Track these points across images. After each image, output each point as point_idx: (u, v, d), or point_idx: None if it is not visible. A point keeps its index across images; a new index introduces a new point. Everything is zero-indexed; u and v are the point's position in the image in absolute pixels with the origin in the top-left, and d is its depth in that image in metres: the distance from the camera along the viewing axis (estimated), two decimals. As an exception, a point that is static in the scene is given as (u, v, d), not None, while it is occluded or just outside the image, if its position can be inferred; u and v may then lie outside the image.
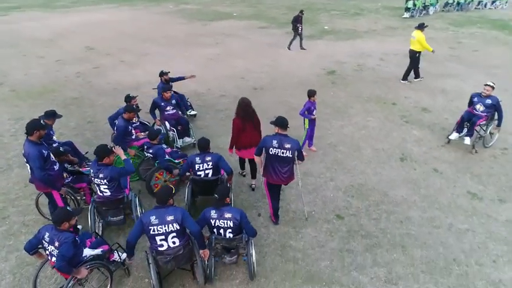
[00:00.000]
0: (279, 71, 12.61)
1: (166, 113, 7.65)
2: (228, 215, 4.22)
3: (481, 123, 7.21)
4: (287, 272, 4.66)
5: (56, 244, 3.72)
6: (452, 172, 6.67)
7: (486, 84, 7.13)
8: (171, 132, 7.52)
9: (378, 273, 4.62)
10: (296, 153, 4.98)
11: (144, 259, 4.80)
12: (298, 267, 4.74)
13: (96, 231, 4.91)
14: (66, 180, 5.38)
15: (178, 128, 7.70)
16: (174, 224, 3.96)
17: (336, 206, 5.86)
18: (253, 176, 6.23)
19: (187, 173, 5.46)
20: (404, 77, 11.35)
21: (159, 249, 4.03)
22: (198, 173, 5.26)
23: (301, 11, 14.92)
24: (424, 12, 23.17)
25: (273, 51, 15.21)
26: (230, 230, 4.26)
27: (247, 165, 6.38)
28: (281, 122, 4.94)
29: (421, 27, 10.85)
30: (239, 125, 5.69)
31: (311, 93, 7.07)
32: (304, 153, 7.10)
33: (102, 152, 4.75)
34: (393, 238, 5.19)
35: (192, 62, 13.70)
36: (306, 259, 4.86)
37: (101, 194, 4.83)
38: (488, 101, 7.06)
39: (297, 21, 14.69)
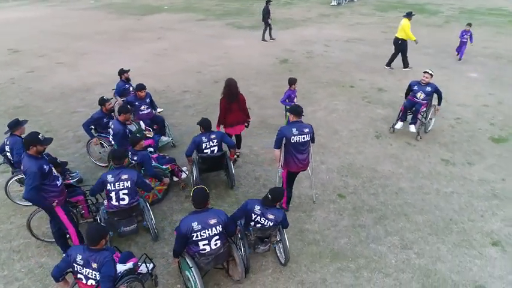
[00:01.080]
0: (234, 62, 12.59)
1: (141, 112, 7.31)
2: (271, 216, 4.22)
3: (422, 111, 7.38)
4: (313, 254, 4.84)
5: (94, 265, 3.43)
6: (423, 144, 7.36)
7: (425, 72, 7.30)
8: (147, 132, 7.19)
9: (393, 242, 5.02)
10: (311, 136, 5.15)
11: (167, 265, 4.66)
12: (321, 248, 4.94)
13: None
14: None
15: (154, 128, 7.40)
16: (218, 227, 3.88)
17: (334, 187, 6.16)
18: (239, 147, 6.96)
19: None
20: (388, 63, 11.64)
21: (201, 252, 3.92)
22: (205, 150, 5.67)
23: (268, 1, 14.92)
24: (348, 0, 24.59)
25: (220, 43, 15.08)
26: (268, 227, 4.28)
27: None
28: (296, 110, 5.08)
29: (409, 15, 11.09)
30: (225, 104, 6.17)
31: (292, 82, 7.24)
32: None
33: (121, 154, 4.58)
34: (395, 209, 5.63)
35: (138, 58, 13.07)
36: (325, 239, 5.08)
37: (116, 203, 4.51)
38: (428, 89, 7.24)
39: (268, 12, 14.72)
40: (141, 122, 7.19)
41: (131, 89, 8.22)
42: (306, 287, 4.40)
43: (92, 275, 3.48)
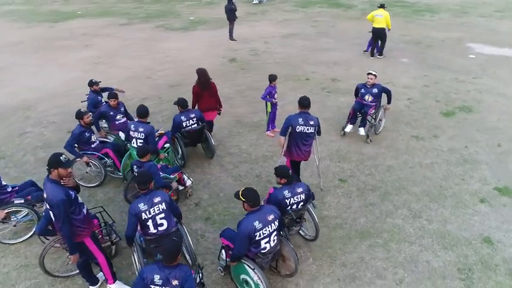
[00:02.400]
0: (182, 65, 12.26)
1: (117, 122, 6.86)
2: (299, 190, 4.36)
3: (371, 113, 7.31)
4: (342, 237, 5.10)
5: (175, 283, 3.21)
6: (391, 124, 8.10)
7: (369, 73, 7.15)
8: (127, 142, 6.77)
9: (404, 213, 5.51)
10: (316, 129, 5.35)
11: (208, 274, 4.52)
12: (346, 230, 5.23)
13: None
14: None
15: None
16: (275, 222, 3.90)
17: (333, 173, 6.50)
18: (211, 131, 7.29)
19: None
20: (381, 53, 12.53)
21: (262, 251, 3.90)
22: (187, 128, 6.39)
23: (229, 1, 14.69)
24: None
25: (157, 46, 14.54)
26: (302, 203, 4.41)
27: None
28: (302, 102, 5.30)
29: (383, 6, 12.10)
30: (198, 90, 6.81)
31: (272, 78, 7.36)
32: (271, 135, 7.53)
33: (147, 178, 4.15)
34: (393, 184, 6.17)
35: (73, 68, 12.05)
36: (346, 222, 5.37)
37: (154, 231, 4.15)
38: (375, 90, 7.12)
39: (233, 10, 14.55)
40: (121, 133, 6.72)
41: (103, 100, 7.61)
42: (349, 267, 4.63)
43: None
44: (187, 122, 6.38)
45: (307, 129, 5.25)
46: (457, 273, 4.53)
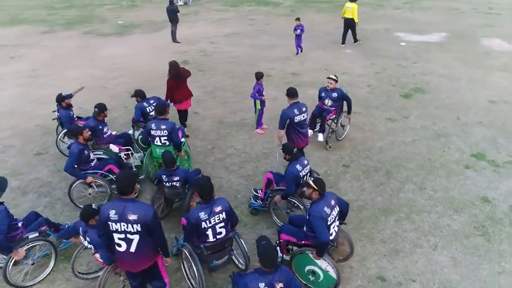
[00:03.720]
0: (135, 71, 11.64)
1: (105, 135, 6.38)
2: (306, 162, 5.03)
3: (331, 118, 7.08)
4: (370, 217, 5.45)
5: (280, 285, 3.18)
6: (364, 109, 8.72)
7: (328, 78, 6.94)
8: (123, 154, 6.35)
9: (411, 188, 6.07)
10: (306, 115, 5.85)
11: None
12: (370, 210, 5.60)
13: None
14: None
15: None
16: (337, 207, 4.10)
17: (335, 161, 6.84)
18: (185, 120, 7.71)
19: None
20: (355, 39, 13.78)
21: (331, 238, 4.03)
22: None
23: (171, 2, 14.20)
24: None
25: (98, 54, 13.54)
26: (309, 173, 5.10)
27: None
28: (292, 92, 5.70)
29: (354, 0, 13.02)
30: (172, 83, 7.07)
31: (259, 76, 7.40)
32: (261, 132, 7.65)
33: (210, 187, 3.99)
34: (390, 163, 6.72)
35: (7, 85, 10.73)
36: (367, 203, 5.75)
37: (213, 240, 3.99)
38: (335, 95, 6.90)
39: (175, 12, 14.14)
40: (112, 146, 6.25)
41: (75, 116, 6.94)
42: (388, 243, 4.99)
43: None
44: (149, 107, 6.74)
45: (303, 117, 5.70)
46: (475, 230, 5.17)
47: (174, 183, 4.96)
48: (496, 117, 8.23)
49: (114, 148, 6.23)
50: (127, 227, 3.33)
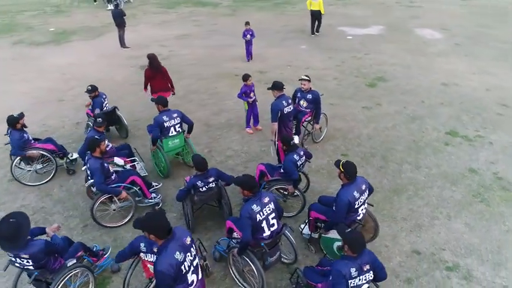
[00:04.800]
0: (91, 80, 10.50)
1: (108, 148, 5.98)
2: (302, 153, 5.28)
3: (307, 119, 6.97)
4: (384, 198, 5.83)
5: (367, 267, 3.36)
6: (338, 100, 9.19)
7: (301, 79, 6.81)
8: (128, 165, 6.04)
9: (407, 167, 6.58)
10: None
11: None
12: (382, 192, 5.97)
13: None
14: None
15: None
16: (367, 191, 4.43)
17: (332, 151, 7.15)
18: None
19: None
20: (318, 30, 15.10)
21: (358, 218, 4.34)
22: (104, 110, 7.23)
23: (117, 4, 13.19)
24: (125, 0, 23.90)
25: (38, 64, 12.45)
26: (304, 164, 5.39)
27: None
28: (277, 85, 5.88)
29: None
30: (149, 74, 7.57)
31: (245, 78, 7.37)
32: (250, 131, 7.72)
33: (252, 182, 3.98)
34: (382, 148, 7.20)
35: None
36: (376, 186, 5.97)
37: (269, 233, 3.99)
38: (309, 96, 6.76)
39: (122, 15, 13.30)
40: (117, 159, 5.89)
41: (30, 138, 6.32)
42: (409, 219, 5.40)
43: (367, 278, 3.36)
44: (104, 102, 7.23)
45: (289, 108, 5.93)
46: (474, 198, 5.81)
47: (210, 184, 4.89)
48: (452, 98, 9.22)
49: (118, 161, 5.85)
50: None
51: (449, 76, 10.58)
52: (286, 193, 5.48)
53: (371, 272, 3.39)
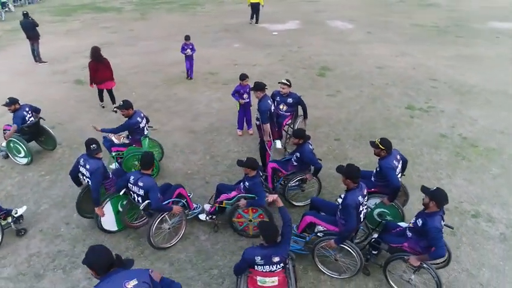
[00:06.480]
0: (30, 100, 9.35)
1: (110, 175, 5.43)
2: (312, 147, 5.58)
3: (287, 123, 6.96)
4: (393, 171, 6.49)
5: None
6: (302, 92, 9.66)
7: (280, 82, 6.74)
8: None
9: (394, 142, 7.31)
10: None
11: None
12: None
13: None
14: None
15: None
16: (401, 161, 4.95)
17: (325, 137, 7.62)
18: (113, 101, 8.65)
19: None
20: (257, 21, 16.81)
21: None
22: (28, 123, 6.77)
23: (26, 14, 11.61)
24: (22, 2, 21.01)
25: None
26: None
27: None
28: (261, 86, 5.96)
29: None
30: (93, 66, 8.10)
31: (241, 77, 7.26)
32: (240, 133, 7.75)
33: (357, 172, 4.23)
34: (364, 128, 7.92)
35: None
36: (380, 162, 6.77)
37: (361, 221, 4.25)
38: (290, 100, 6.70)
39: (36, 26, 11.71)
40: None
41: None
42: (423, 182, 6.15)
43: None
44: (27, 116, 6.66)
45: (273, 107, 6.19)
46: (457, 157, 6.89)
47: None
48: (393, 78, 10.53)
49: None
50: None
51: (380, 60, 12.01)
52: (304, 184, 5.69)
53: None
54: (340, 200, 5.16)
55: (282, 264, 3.60)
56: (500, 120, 8.16)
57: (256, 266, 3.55)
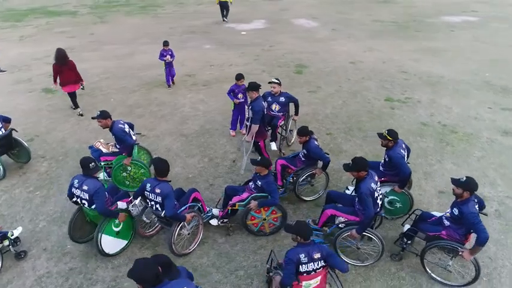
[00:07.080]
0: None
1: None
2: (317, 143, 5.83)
3: (281, 124, 6.91)
4: (388, 160, 6.78)
5: None
6: (285, 89, 9.82)
7: (270, 82, 6.70)
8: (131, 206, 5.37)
9: (382, 128, 7.71)
10: None
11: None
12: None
13: None
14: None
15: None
16: (406, 149, 5.19)
17: (317, 132, 7.69)
18: (75, 105, 8.64)
19: None
20: (226, 17, 17.13)
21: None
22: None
23: None
24: None
25: None
26: None
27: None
28: (256, 86, 6.05)
29: None
30: (57, 67, 7.98)
31: (237, 77, 7.22)
32: (233, 134, 7.73)
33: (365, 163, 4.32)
34: (351, 121, 8.19)
35: None
36: (374, 154, 7.04)
37: (378, 207, 4.40)
38: (282, 99, 6.68)
39: None
40: (120, 203, 5.03)
41: None
42: (416, 171, 6.48)
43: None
44: None
45: (266, 108, 6.39)
46: (442, 144, 7.33)
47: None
48: (366, 73, 10.96)
49: (122, 205, 4.95)
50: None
51: (350, 56, 12.44)
52: (312, 178, 5.82)
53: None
54: (348, 192, 5.41)
55: (322, 262, 3.63)
56: (470, 108, 8.77)
57: (300, 266, 3.55)
